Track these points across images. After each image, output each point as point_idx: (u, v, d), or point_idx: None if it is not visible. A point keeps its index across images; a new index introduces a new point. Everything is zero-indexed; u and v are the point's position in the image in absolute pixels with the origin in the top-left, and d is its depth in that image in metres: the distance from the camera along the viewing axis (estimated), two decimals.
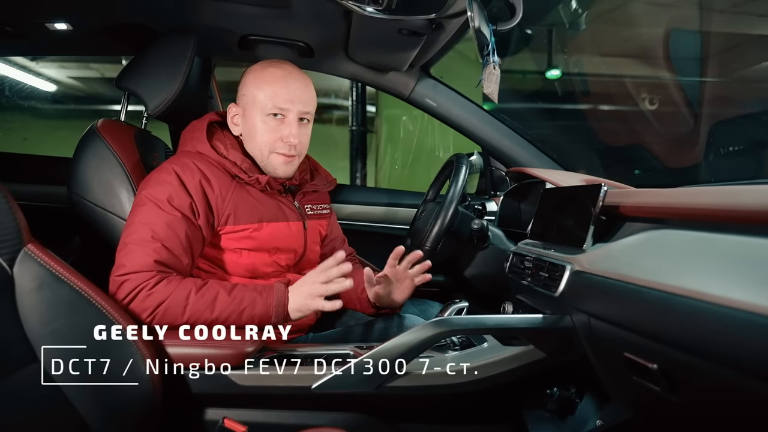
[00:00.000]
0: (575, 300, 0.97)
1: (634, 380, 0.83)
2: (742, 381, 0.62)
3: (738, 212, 0.71)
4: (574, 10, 3.98)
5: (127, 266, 1.08)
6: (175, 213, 1.14)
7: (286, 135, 1.25)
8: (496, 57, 1.21)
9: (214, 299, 1.09)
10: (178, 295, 1.07)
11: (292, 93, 1.25)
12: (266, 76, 1.27)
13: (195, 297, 1.08)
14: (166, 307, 1.06)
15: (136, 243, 1.11)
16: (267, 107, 1.24)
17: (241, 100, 1.30)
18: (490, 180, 2.06)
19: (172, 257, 1.12)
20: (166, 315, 1.06)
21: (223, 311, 1.09)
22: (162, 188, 1.16)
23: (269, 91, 1.24)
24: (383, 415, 1.13)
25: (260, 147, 1.28)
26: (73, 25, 1.53)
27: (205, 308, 1.08)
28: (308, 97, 1.28)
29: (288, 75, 1.27)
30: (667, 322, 0.71)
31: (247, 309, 1.11)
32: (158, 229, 1.12)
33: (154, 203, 1.14)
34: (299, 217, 1.34)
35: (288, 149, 1.26)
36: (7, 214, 0.90)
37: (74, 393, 0.93)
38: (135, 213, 1.16)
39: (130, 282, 1.06)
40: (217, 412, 1.09)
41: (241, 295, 1.12)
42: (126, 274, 1.07)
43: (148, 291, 1.06)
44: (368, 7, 1.21)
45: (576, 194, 1.13)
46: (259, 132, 1.26)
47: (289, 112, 1.25)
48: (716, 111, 2.97)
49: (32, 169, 2.00)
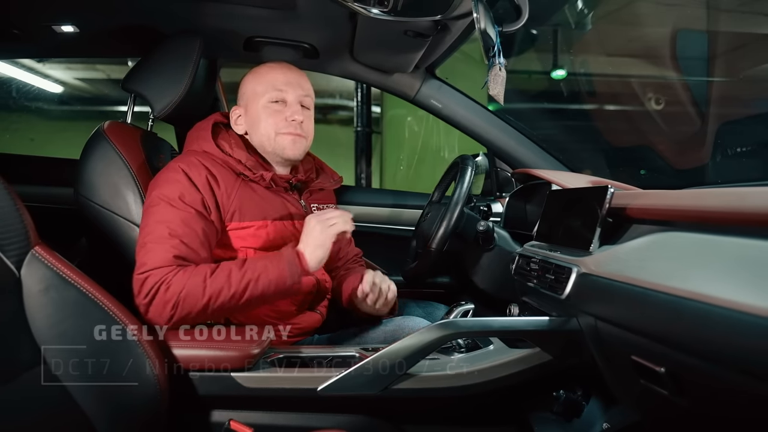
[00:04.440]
0: (582, 302, 0.97)
1: (641, 383, 0.82)
2: (750, 384, 0.61)
3: (745, 215, 0.71)
4: (580, 10, 3.97)
5: (147, 264, 1.10)
6: (188, 209, 1.16)
7: (290, 114, 1.29)
8: (501, 58, 1.20)
9: (228, 276, 1.11)
10: (195, 280, 1.09)
11: (289, 78, 1.32)
12: (262, 71, 1.33)
13: (211, 278, 1.10)
14: (186, 293, 1.08)
15: (154, 241, 1.12)
16: (267, 92, 1.30)
17: (241, 99, 1.35)
18: (495, 181, 2.06)
19: (190, 251, 1.14)
20: (187, 301, 1.08)
21: (240, 284, 1.11)
22: (172, 186, 1.18)
23: (267, 78, 1.31)
24: (389, 418, 1.13)
25: (266, 132, 1.30)
26: (80, 28, 1.53)
27: (222, 285, 1.10)
28: (306, 85, 1.34)
29: (285, 67, 1.35)
30: (674, 326, 0.71)
31: (262, 276, 1.13)
32: (174, 226, 1.13)
33: (167, 202, 1.16)
34: (304, 215, 1.34)
35: (294, 128, 1.29)
36: (15, 216, 0.91)
37: (81, 395, 0.93)
38: (149, 213, 1.17)
39: (152, 277, 1.09)
40: (223, 413, 1.09)
41: (252, 265, 1.14)
42: (147, 271, 1.09)
43: (167, 284, 1.08)
44: (374, 8, 1.21)
45: (582, 196, 1.12)
46: (262, 119, 1.30)
47: (288, 94, 1.30)
48: (723, 111, 2.95)
49: (39, 171, 2.01)
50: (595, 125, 4.35)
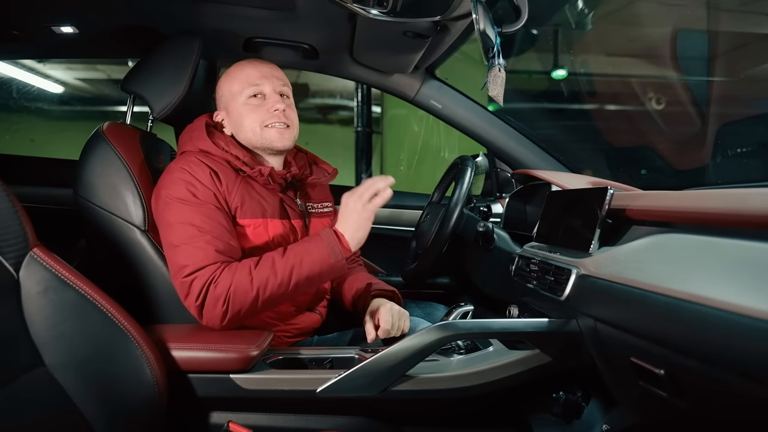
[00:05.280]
0: (581, 304, 0.96)
1: (640, 385, 0.82)
2: (750, 387, 0.61)
3: (745, 216, 0.70)
4: (580, 10, 3.97)
5: (191, 265, 1.11)
6: (206, 204, 1.17)
7: (271, 105, 1.28)
8: (501, 59, 1.20)
9: (272, 264, 1.12)
10: (241, 274, 1.10)
11: (262, 71, 1.31)
12: (234, 70, 1.33)
13: (256, 270, 1.11)
14: (235, 288, 1.09)
15: (187, 242, 1.13)
16: (244, 90, 1.29)
17: (220, 103, 1.35)
18: (495, 181, 2.06)
19: (224, 244, 1.15)
20: (237, 295, 1.09)
21: (285, 270, 1.12)
22: (181, 186, 1.17)
23: (240, 77, 1.31)
24: (388, 419, 1.13)
25: (252, 127, 1.29)
26: (79, 28, 1.53)
27: (268, 275, 1.11)
28: (280, 75, 1.34)
29: (254, 61, 1.34)
30: (673, 328, 0.70)
31: (305, 259, 1.13)
32: (200, 223, 1.14)
33: (181, 202, 1.16)
34: (301, 214, 1.34)
35: (278, 117, 1.28)
36: (13, 218, 0.91)
37: (79, 396, 0.93)
38: (166, 216, 1.17)
39: (199, 278, 1.09)
40: (222, 415, 1.09)
41: (293, 251, 1.15)
42: (193, 273, 1.10)
43: (215, 282, 1.09)
44: (373, 9, 1.21)
45: (582, 197, 1.12)
46: (244, 115, 1.29)
47: (265, 87, 1.30)
48: (724, 111, 2.94)
49: (38, 172, 2.01)
50: (595, 125, 4.34)
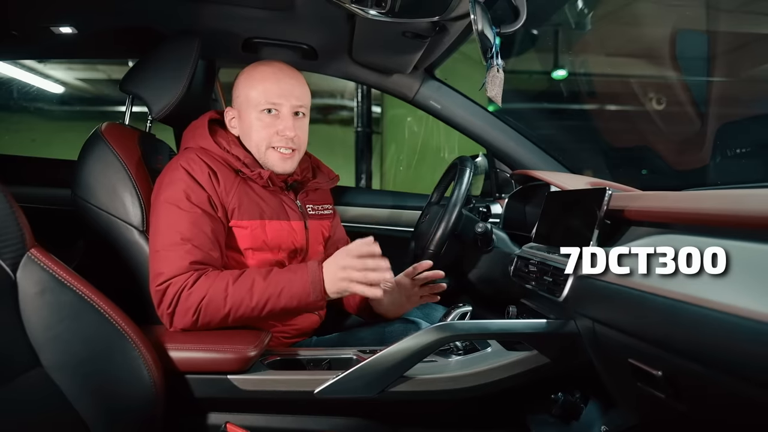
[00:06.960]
0: (579, 305, 0.96)
1: (639, 387, 0.82)
2: (748, 389, 0.61)
3: (743, 218, 0.70)
4: (580, 10, 3.96)
5: (165, 273, 1.10)
6: (195, 210, 1.16)
7: (282, 129, 1.26)
8: (500, 60, 1.20)
9: (251, 286, 1.11)
10: (217, 287, 1.09)
11: (283, 88, 1.27)
12: (257, 75, 1.29)
13: (233, 287, 1.10)
14: (208, 300, 1.08)
15: (167, 249, 1.13)
16: (260, 104, 1.26)
17: (235, 102, 1.32)
18: (495, 182, 2.05)
19: (203, 254, 1.14)
20: (209, 308, 1.09)
21: (262, 296, 1.11)
22: (176, 187, 1.17)
23: (261, 88, 1.26)
24: (386, 421, 1.13)
25: (257, 144, 1.28)
26: (78, 29, 1.53)
27: (244, 295, 1.10)
28: (301, 92, 1.30)
29: (278, 71, 1.29)
30: (672, 329, 0.70)
31: (285, 289, 1.12)
32: (184, 230, 1.13)
33: (174, 204, 1.16)
34: (300, 216, 1.34)
35: (285, 142, 1.27)
36: (10, 218, 0.91)
37: (76, 397, 0.93)
38: (157, 218, 1.17)
39: (172, 287, 1.09)
40: (220, 416, 1.09)
41: (276, 278, 1.13)
42: (166, 281, 1.10)
43: (188, 290, 1.09)
44: (371, 10, 1.20)
45: (581, 198, 1.12)
46: (254, 129, 1.28)
47: (282, 106, 1.27)
48: (724, 111, 2.94)
49: (36, 172, 2.00)
50: (595, 125, 4.33)
